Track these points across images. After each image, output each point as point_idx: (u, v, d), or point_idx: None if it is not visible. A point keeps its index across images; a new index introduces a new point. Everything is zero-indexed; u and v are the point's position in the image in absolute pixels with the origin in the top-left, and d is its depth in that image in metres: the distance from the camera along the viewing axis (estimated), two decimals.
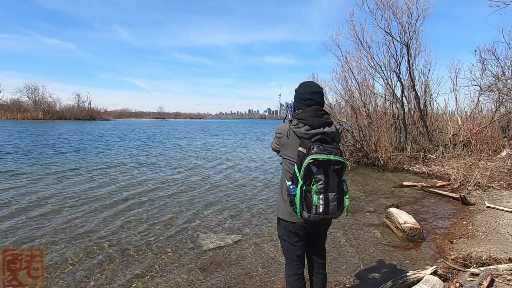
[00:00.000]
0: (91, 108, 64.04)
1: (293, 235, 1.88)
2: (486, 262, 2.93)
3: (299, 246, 1.91)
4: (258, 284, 2.88)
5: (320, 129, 1.75)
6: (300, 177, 1.65)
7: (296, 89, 1.99)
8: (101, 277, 2.96)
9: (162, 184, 7.04)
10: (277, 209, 1.95)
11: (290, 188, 1.72)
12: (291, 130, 1.80)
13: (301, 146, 1.72)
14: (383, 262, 3.33)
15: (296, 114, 1.89)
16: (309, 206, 1.65)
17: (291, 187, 1.71)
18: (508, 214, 4.76)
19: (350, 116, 10.95)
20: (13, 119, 49.35)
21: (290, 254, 1.94)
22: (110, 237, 3.94)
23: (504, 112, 10.44)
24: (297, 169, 1.69)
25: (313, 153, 1.62)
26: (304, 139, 1.73)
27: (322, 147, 1.66)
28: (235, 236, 4.05)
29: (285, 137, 1.82)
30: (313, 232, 1.93)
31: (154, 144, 17.36)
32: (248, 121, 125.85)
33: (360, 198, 5.98)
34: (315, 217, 1.67)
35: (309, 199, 1.65)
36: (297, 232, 1.86)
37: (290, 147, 1.81)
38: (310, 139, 1.72)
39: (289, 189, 1.72)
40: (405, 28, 10.10)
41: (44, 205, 5.22)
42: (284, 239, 1.94)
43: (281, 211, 1.89)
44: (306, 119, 1.77)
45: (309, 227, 1.86)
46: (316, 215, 1.66)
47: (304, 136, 1.74)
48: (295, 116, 1.86)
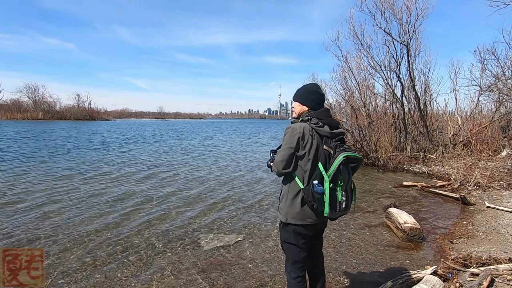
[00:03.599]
0: (91, 108, 64.09)
1: (300, 237, 1.86)
2: (486, 262, 2.93)
3: (304, 248, 1.91)
4: (258, 284, 2.88)
5: (339, 130, 1.84)
6: (328, 176, 1.67)
7: (305, 86, 2.00)
8: (101, 277, 2.96)
9: (162, 184, 7.04)
10: (284, 214, 1.86)
11: (316, 187, 1.69)
12: (313, 129, 1.80)
13: (326, 145, 1.76)
14: (383, 262, 3.33)
15: (308, 113, 1.89)
16: (335, 203, 1.70)
17: (318, 187, 1.69)
18: (508, 214, 4.76)
19: (350, 116, 10.96)
20: (13, 119, 49.34)
21: (296, 257, 1.91)
22: (110, 237, 3.94)
23: (504, 112, 10.45)
24: (322, 167, 1.70)
25: (340, 151, 1.69)
26: (327, 138, 1.78)
27: (346, 146, 1.77)
28: (235, 236, 4.05)
29: (309, 135, 1.79)
30: (316, 231, 1.95)
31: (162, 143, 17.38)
32: (249, 121, 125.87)
33: (360, 198, 5.98)
34: (336, 214, 1.73)
35: (334, 196, 1.70)
36: (306, 233, 1.86)
37: (311, 146, 1.79)
38: (333, 138, 1.79)
39: (315, 188, 1.69)
40: (405, 28, 10.12)
41: (45, 205, 5.22)
42: (290, 243, 1.89)
43: (290, 216, 1.83)
44: (324, 119, 1.82)
45: (316, 226, 1.88)
46: (339, 212, 1.72)
47: (329, 136, 1.79)
48: (309, 115, 1.85)
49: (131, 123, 54.93)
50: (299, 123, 1.86)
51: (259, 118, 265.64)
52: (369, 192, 6.55)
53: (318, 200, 1.69)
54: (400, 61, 10.49)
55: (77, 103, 62.49)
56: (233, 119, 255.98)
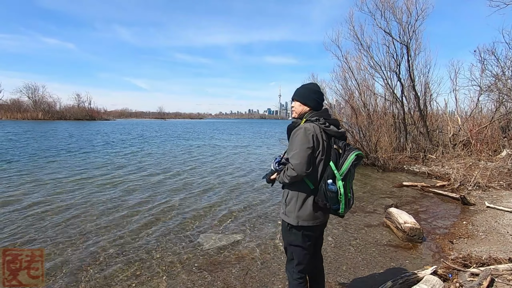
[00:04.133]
0: (91, 108, 64.08)
1: (307, 239, 1.86)
2: (486, 262, 2.93)
3: (310, 249, 1.92)
4: (258, 284, 2.88)
5: (342, 129, 1.88)
6: (340, 174, 1.71)
7: (305, 85, 2.00)
8: (101, 277, 2.96)
9: (162, 184, 7.04)
10: (294, 217, 1.82)
11: (330, 186, 1.72)
12: (322, 129, 1.81)
13: (335, 144, 1.79)
14: (383, 262, 3.33)
15: (312, 113, 1.89)
16: (347, 201, 1.76)
17: (332, 186, 1.72)
18: (508, 214, 4.76)
19: (350, 116, 10.96)
20: (13, 119, 49.33)
21: (302, 259, 1.91)
22: (110, 237, 3.94)
23: (504, 112, 10.44)
24: (334, 166, 1.74)
25: (350, 150, 1.75)
26: (335, 138, 1.81)
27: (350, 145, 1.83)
28: (235, 236, 4.05)
29: (319, 135, 1.80)
30: (320, 232, 1.98)
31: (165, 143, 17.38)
32: (249, 121, 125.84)
33: (360, 198, 5.98)
34: (347, 211, 1.79)
35: (347, 194, 1.74)
36: (313, 235, 1.87)
37: (321, 146, 1.80)
38: (340, 138, 1.83)
39: (329, 187, 1.71)
40: (405, 28, 10.12)
41: (46, 205, 5.22)
42: (298, 245, 1.88)
43: (302, 218, 1.81)
44: (329, 118, 1.85)
45: (321, 227, 1.92)
46: (349, 208, 1.79)
47: (336, 135, 1.82)
48: (315, 115, 1.86)
49: (131, 123, 54.91)
50: (308, 123, 1.82)
51: (259, 118, 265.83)
52: (369, 192, 6.55)
53: (331, 199, 1.73)
54: (400, 61, 10.51)
55: (77, 103, 62.56)
56: (233, 119, 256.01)
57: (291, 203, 1.84)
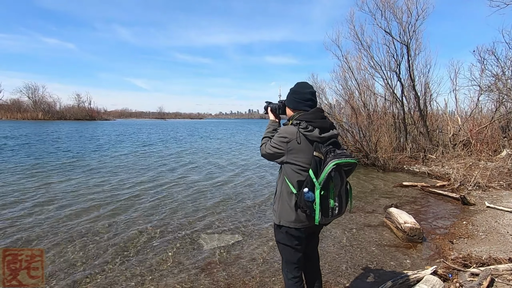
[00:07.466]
0: (91, 108, 64.24)
1: (293, 239, 1.83)
2: (486, 262, 2.93)
3: (299, 249, 1.88)
4: (258, 284, 2.88)
5: (330, 132, 1.74)
6: (319, 183, 1.60)
7: (293, 89, 1.92)
8: (101, 277, 2.96)
9: (162, 185, 7.04)
10: (278, 216, 1.83)
11: (306, 194, 1.63)
12: (301, 134, 1.70)
13: (316, 151, 1.67)
14: (383, 262, 3.33)
15: (299, 115, 1.81)
16: (327, 210, 1.65)
17: (308, 194, 1.63)
18: (508, 214, 4.76)
19: (350, 116, 10.94)
20: (13, 119, 49.36)
21: (291, 258, 1.89)
22: (111, 237, 3.94)
23: (504, 112, 10.44)
24: (313, 174, 1.63)
25: (332, 157, 1.60)
26: (318, 144, 1.69)
27: (339, 150, 1.66)
28: (235, 236, 4.05)
29: (295, 141, 1.71)
30: (311, 232, 1.91)
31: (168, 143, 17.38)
32: (249, 121, 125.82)
33: (360, 198, 5.98)
34: (328, 220, 1.68)
35: (327, 203, 1.64)
36: (299, 235, 1.82)
37: (301, 152, 1.71)
38: (324, 143, 1.70)
39: (305, 196, 1.63)
40: (405, 28, 10.12)
41: (46, 205, 5.23)
42: (284, 244, 1.87)
43: (284, 219, 1.79)
44: (314, 121, 1.72)
45: (310, 229, 1.84)
46: (332, 217, 1.68)
47: (318, 141, 1.70)
48: (299, 118, 1.77)
49: (131, 123, 54.89)
50: (288, 126, 1.79)
51: (259, 118, 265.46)
52: (369, 192, 6.55)
53: (309, 207, 1.65)
54: (400, 61, 10.51)
55: (77, 103, 62.72)
56: (233, 119, 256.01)
57: (277, 202, 1.86)
